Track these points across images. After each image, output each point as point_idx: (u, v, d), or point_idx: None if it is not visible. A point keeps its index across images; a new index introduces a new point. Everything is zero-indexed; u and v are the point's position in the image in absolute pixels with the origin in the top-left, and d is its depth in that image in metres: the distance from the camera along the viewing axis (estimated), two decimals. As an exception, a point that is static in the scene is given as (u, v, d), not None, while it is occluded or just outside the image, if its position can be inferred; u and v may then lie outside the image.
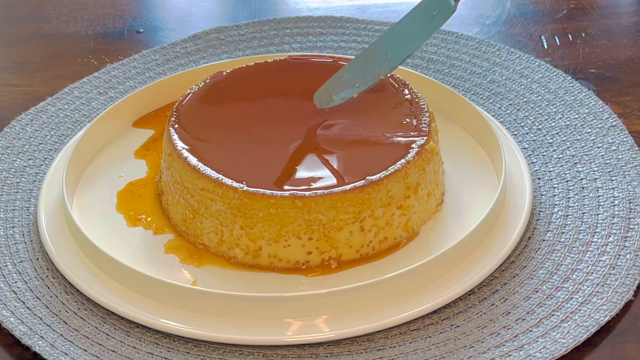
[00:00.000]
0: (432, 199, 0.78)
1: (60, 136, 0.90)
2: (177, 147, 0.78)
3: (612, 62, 0.96)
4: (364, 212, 0.73)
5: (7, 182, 0.84)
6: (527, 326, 0.69)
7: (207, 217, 0.75)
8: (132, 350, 0.69)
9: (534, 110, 0.89)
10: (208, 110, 0.83)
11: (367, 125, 0.80)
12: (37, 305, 0.73)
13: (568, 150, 0.84)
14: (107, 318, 0.71)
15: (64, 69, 1.00)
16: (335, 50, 1.00)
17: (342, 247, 0.74)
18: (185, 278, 0.74)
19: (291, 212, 0.72)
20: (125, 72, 0.98)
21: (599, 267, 0.72)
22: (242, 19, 1.07)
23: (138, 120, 0.90)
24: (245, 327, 0.69)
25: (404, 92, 0.82)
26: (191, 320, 0.69)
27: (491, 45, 0.98)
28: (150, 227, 0.79)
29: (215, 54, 1.00)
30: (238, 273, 0.75)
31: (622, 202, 0.78)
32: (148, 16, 1.11)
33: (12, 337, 0.71)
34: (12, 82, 1.00)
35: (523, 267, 0.73)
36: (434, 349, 0.68)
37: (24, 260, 0.77)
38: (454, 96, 0.87)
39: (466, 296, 0.71)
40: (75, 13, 1.10)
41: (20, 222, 0.80)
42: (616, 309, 0.69)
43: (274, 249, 0.74)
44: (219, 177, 0.74)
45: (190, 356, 0.68)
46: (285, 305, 0.69)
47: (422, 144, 0.77)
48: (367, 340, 0.69)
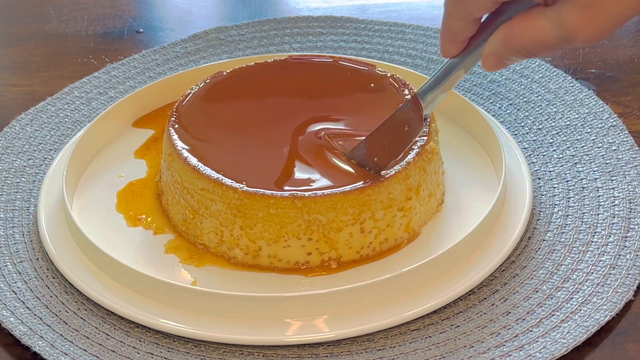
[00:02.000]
0: (432, 200, 0.78)
1: (60, 136, 0.90)
2: (177, 147, 0.78)
3: (612, 62, 0.96)
4: (364, 213, 0.73)
5: (7, 182, 0.84)
6: (527, 326, 0.69)
7: (207, 217, 0.75)
8: (132, 350, 0.69)
9: (534, 110, 0.89)
10: (208, 110, 0.83)
11: (367, 126, 0.79)
12: (37, 305, 0.73)
13: (568, 150, 0.84)
14: (107, 318, 0.71)
15: (64, 69, 1.00)
16: (335, 50, 1.00)
17: (342, 248, 0.74)
18: (185, 278, 0.74)
19: (291, 213, 0.72)
20: (125, 72, 0.98)
21: (599, 267, 0.72)
22: (242, 19, 1.07)
23: (138, 120, 0.90)
24: (245, 327, 0.69)
25: (404, 92, 0.82)
26: (191, 320, 0.69)
27: (491, 45, 0.98)
28: (150, 227, 0.79)
29: (215, 54, 1.00)
30: (238, 273, 0.75)
31: (622, 202, 0.78)
32: (148, 16, 1.11)
33: (12, 337, 0.71)
34: (12, 82, 1.00)
35: (523, 267, 0.73)
36: (434, 349, 0.68)
37: (24, 260, 0.77)
38: (454, 96, 0.87)
39: (466, 296, 0.71)
40: (75, 13, 1.10)
41: (20, 222, 0.80)
42: (616, 309, 0.69)
43: (273, 249, 0.74)
44: (219, 177, 0.74)
45: (190, 356, 0.68)
46: (285, 305, 0.69)
47: (422, 145, 0.77)
48: (367, 340, 0.69)
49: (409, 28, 1.02)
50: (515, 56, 0.62)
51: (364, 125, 0.80)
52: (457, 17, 0.64)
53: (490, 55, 0.63)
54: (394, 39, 1.01)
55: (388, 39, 1.01)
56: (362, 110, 0.81)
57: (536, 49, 0.61)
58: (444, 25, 0.65)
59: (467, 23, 0.64)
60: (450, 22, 0.64)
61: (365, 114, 0.81)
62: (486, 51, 0.63)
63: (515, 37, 0.61)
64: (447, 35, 0.66)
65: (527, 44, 0.61)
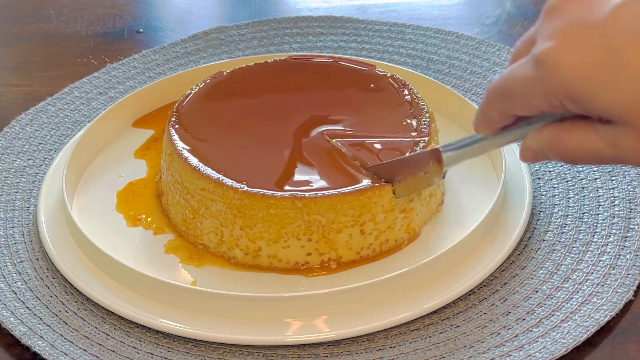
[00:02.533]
0: (433, 200, 0.78)
1: (60, 136, 0.90)
2: (178, 147, 0.78)
3: (612, 62, 0.96)
4: (364, 215, 0.73)
5: (7, 182, 0.84)
6: (527, 326, 0.69)
7: (207, 217, 0.75)
8: (132, 350, 0.69)
9: (534, 110, 0.89)
10: (208, 110, 0.83)
11: (367, 126, 0.79)
12: (37, 305, 0.73)
13: (568, 150, 0.84)
14: (107, 318, 0.71)
15: (64, 69, 1.00)
16: (335, 50, 1.00)
17: (342, 248, 0.74)
18: (185, 278, 0.74)
19: (291, 213, 0.72)
20: (125, 72, 0.98)
21: (599, 267, 0.72)
22: (242, 19, 1.07)
23: (138, 120, 0.90)
24: (245, 327, 0.69)
25: (404, 92, 0.82)
26: (191, 320, 0.69)
27: (491, 45, 0.98)
28: (150, 227, 0.79)
29: (215, 54, 1.00)
30: (238, 273, 0.75)
31: (622, 202, 0.78)
32: (148, 16, 1.11)
33: (12, 337, 0.71)
34: (12, 82, 1.00)
35: (523, 267, 0.73)
36: (434, 349, 0.68)
37: (24, 260, 0.77)
38: (454, 96, 0.87)
39: (466, 296, 0.71)
40: (75, 13, 1.10)
41: (20, 222, 0.80)
42: (616, 309, 0.69)
43: (273, 249, 0.74)
44: (219, 177, 0.74)
45: (190, 356, 0.68)
46: (285, 305, 0.69)
47: (423, 146, 0.76)
48: (367, 340, 0.69)
49: (409, 28, 1.02)
50: (555, 159, 0.60)
51: (364, 125, 0.80)
52: (497, 109, 0.61)
53: (530, 150, 0.61)
54: (394, 39, 1.01)
55: (388, 39, 1.01)
56: (362, 110, 0.81)
57: (582, 160, 0.58)
58: (482, 110, 0.63)
59: (506, 117, 0.61)
60: (489, 110, 0.62)
61: (365, 114, 0.81)
62: (527, 144, 0.61)
63: (563, 142, 0.58)
64: (483, 119, 0.63)
65: (573, 153, 0.58)
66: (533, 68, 0.56)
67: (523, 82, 0.57)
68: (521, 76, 0.58)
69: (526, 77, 0.57)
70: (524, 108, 0.59)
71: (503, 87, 0.59)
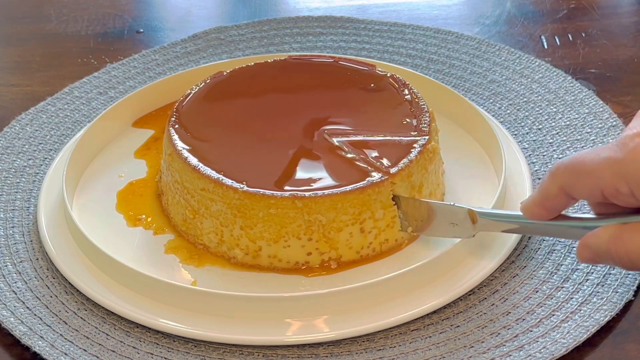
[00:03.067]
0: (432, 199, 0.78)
1: (60, 136, 0.90)
2: (178, 147, 0.78)
3: (612, 62, 0.96)
4: (364, 213, 0.73)
5: (7, 182, 0.84)
6: (527, 326, 0.69)
7: (207, 217, 0.75)
8: (132, 350, 0.69)
9: (534, 110, 0.89)
10: (208, 110, 0.83)
11: (367, 126, 0.79)
12: (37, 305, 0.73)
13: (568, 150, 0.84)
14: (107, 318, 0.71)
15: (64, 69, 1.00)
16: (335, 50, 1.00)
17: (342, 248, 0.74)
18: (185, 278, 0.74)
19: (291, 213, 0.72)
20: (125, 72, 0.98)
21: (599, 267, 0.72)
22: (242, 19, 1.07)
23: (138, 120, 0.90)
24: (245, 327, 0.69)
25: (404, 92, 0.82)
26: (191, 320, 0.69)
27: (491, 45, 0.98)
28: (150, 227, 0.79)
29: (215, 54, 1.00)
30: (238, 273, 0.75)
31: (622, 202, 0.78)
32: (148, 16, 1.11)
33: (12, 337, 0.71)
34: (12, 82, 0.99)
35: (523, 267, 0.73)
36: (434, 349, 0.68)
37: (24, 260, 0.77)
38: (454, 96, 0.87)
39: (466, 296, 0.71)
40: (75, 13, 1.10)
41: (20, 222, 0.80)
42: (616, 309, 0.69)
43: (273, 249, 0.74)
44: (219, 177, 0.74)
45: (190, 356, 0.68)
46: (285, 305, 0.69)
47: (424, 144, 0.77)
48: (367, 340, 0.69)
49: (408, 28, 1.02)
50: (613, 261, 0.59)
51: (364, 125, 0.80)
52: (559, 183, 0.59)
53: (588, 249, 0.60)
54: (394, 39, 1.01)
55: (388, 39, 1.01)
56: (362, 110, 0.81)
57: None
58: (541, 184, 0.62)
59: (563, 196, 0.60)
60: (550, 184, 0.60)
61: (365, 113, 0.81)
62: (585, 242, 0.60)
63: (624, 243, 0.57)
64: (538, 195, 0.62)
65: (634, 256, 0.57)
66: (615, 147, 0.55)
67: (598, 159, 0.56)
68: (598, 153, 0.56)
69: (603, 156, 0.56)
70: (586, 188, 0.57)
71: (576, 160, 0.57)
